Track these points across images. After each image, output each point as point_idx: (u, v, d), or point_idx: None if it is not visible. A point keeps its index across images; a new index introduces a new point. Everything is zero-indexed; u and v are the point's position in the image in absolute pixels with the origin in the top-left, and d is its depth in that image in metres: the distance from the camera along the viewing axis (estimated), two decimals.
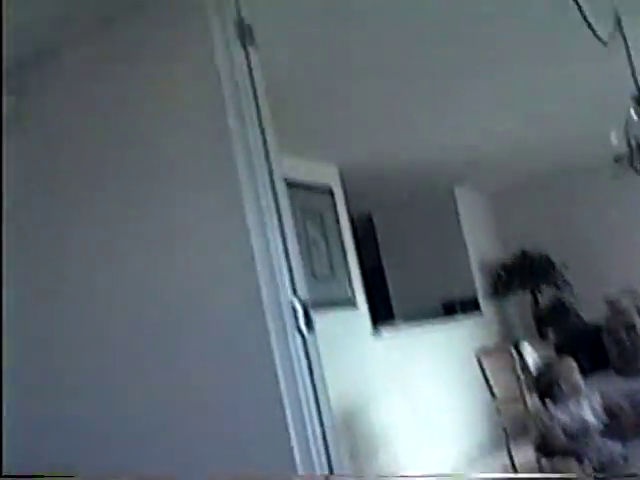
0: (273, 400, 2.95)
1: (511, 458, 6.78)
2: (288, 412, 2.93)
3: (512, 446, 6.82)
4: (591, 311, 4.23)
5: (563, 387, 3.19)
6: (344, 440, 6.48)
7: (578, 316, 8.89)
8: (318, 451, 2.96)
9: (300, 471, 2.94)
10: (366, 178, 8.17)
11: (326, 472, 2.96)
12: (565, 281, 9.49)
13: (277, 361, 2.94)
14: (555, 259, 9.55)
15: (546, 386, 3.27)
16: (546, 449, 3.29)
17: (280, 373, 2.94)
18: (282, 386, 2.93)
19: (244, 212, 3.03)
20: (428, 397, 7.82)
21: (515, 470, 6.68)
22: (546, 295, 9.66)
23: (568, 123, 7.51)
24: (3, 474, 3.09)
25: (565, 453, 3.05)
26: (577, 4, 4.20)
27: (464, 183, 9.53)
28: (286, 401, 2.93)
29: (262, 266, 3.00)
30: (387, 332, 7.48)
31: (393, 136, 7.00)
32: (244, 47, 3.25)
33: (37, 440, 3.62)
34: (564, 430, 3.09)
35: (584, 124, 7.29)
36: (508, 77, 6.00)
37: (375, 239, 10.07)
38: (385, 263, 9.99)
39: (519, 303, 9.94)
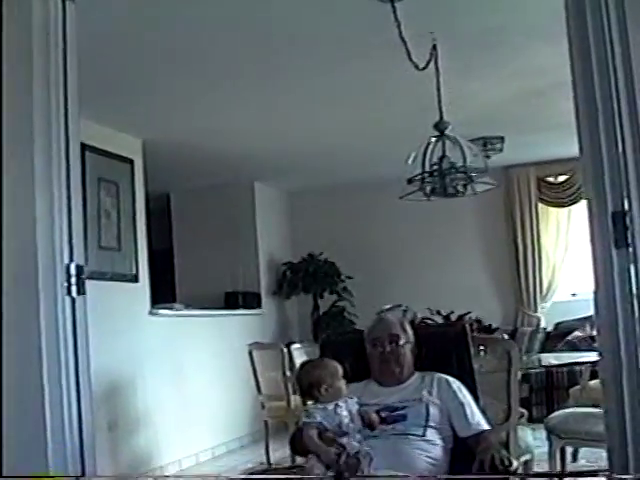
0: (32, 357, 2.89)
1: (267, 453, 6.90)
2: (45, 371, 2.89)
3: (272, 441, 6.93)
4: (367, 322, 4.40)
5: (322, 389, 3.26)
6: (105, 410, 6.44)
7: (352, 325, 9.17)
8: (71, 419, 2.93)
9: (50, 442, 2.90)
10: (170, 158, 8.09)
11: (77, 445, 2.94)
12: (347, 290, 9.76)
13: (42, 318, 2.90)
14: (341, 267, 9.79)
15: (306, 387, 3.33)
16: (297, 448, 3.37)
17: (43, 328, 2.90)
18: (43, 343, 2.89)
19: (33, 168, 2.95)
20: (197, 382, 7.86)
21: (270, 465, 6.79)
22: (327, 301, 9.89)
23: (373, 138, 7.73)
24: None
25: (316, 453, 3.14)
26: (397, 25, 4.34)
27: (265, 179, 9.60)
28: (45, 360, 2.89)
29: (42, 226, 2.93)
30: (165, 313, 7.47)
31: (203, 121, 6.96)
32: (63, 2, 3.15)
33: None
34: (319, 430, 3.17)
35: (387, 141, 7.50)
36: (321, 85, 6.11)
37: (169, 220, 9.99)
38: (176, 245, 9.92)
39: (300, 305, 10.12)
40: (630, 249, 2.56)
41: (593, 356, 5.68)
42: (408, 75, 5.05)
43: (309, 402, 3.32)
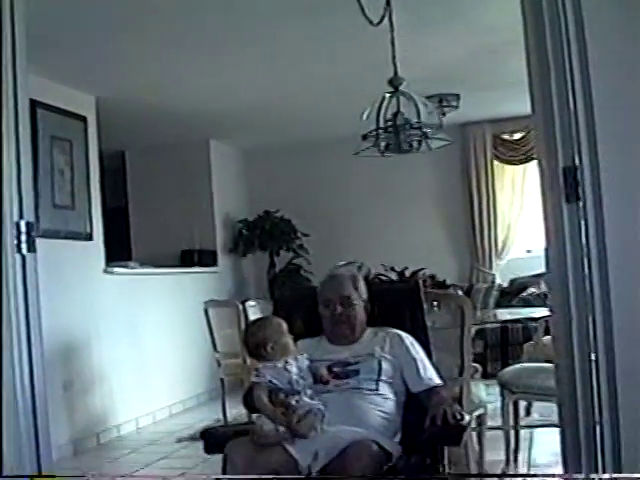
0: None
1: (224, 411, 6.92)
2: None
3: (228, 399, 6.95)
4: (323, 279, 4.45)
5: (269, 348, 3.26)
6: (60, 370, 6.42)
7: (309, 282, 9.18)
8: (22, 379, 2.92)
9: (4, 402, 2.89)
10: (125, 115, 8.00)
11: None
12: (303, 247, 9.77)
13: None
14: (297, 225, 9.79)
15: (253, 347, 3.33)
16: (249, 406, 3.37)
17: None
18: None
19: None
20: (154, 340, 7.87)
21: (226, 422, 6.82)
22: (284, 258, 9.90)
23: (329, 94, 7.69)
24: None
25: (265, 412, 3.15)
26: None
27: (220, 136, 9.54)
28: None
29: None
30: (120, 271, 7.43)
31: (157, 78, 6.89)
32: None
33: None
34: (269, 389, 3.18)
35: (342, 98, 7.48)
36: (275, 41, 6.06)
37: (125, 178, 9.91)
38: (131, 203, 9.85)
39: (257, 262, 10.13)
40: (581, 204, 2.59)
41: (547, 312, 5.73)
42: (363, 30, 5.02)
43: (257, 359, 3.32)
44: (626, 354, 2.56)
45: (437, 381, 3.44)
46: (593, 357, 2.60)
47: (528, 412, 6.15)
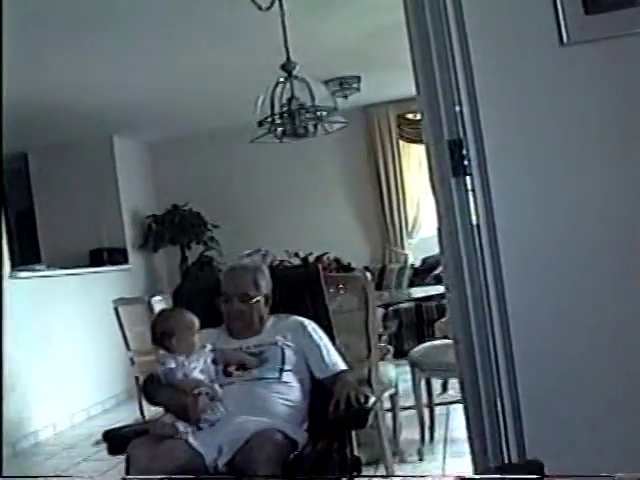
0: None
1: (141, 409, 6.82)
2: None
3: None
4: None
5: (174, 340, 3.20)
6: None
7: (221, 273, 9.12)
8: None
9: None
10: (24, 115, 7.79)
11: None
12: (214, 239, 9.70)
13: None
14: (207, 216, 9.72)
15: (159, 335, 3.26)
16: (152, 401, 3.31)
17: None
18: None
19: None
20: (67, 343, 7.71)
21: (144, 420, 6.72)
22: (196, 251, 9.82)
23: (225, 83, 7.62)
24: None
25: (166, 407, 3.12)
26: None
27: (123, 132, 9.40)
28: None
29: None
30: (27, 275, 7.26)
31: (54, 75, 6.75)
32: None
33: None
34: (172, 383, 3.13)
35: (240, 85, 7.38)
36: (166, 30, 5.98)
37: (29, 179, 9.70)
38: (37, 204, 9.66)
39: (169, 257, 10.04)
40: (467, 178, 2.58)
41: None
42: (256, 16, 4.97)
43: (161, 353, 3.26)
44: (521, 329, 2.57)
45: (342, 366, 3.41)
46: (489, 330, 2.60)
47: (445, 389, 6.19)
